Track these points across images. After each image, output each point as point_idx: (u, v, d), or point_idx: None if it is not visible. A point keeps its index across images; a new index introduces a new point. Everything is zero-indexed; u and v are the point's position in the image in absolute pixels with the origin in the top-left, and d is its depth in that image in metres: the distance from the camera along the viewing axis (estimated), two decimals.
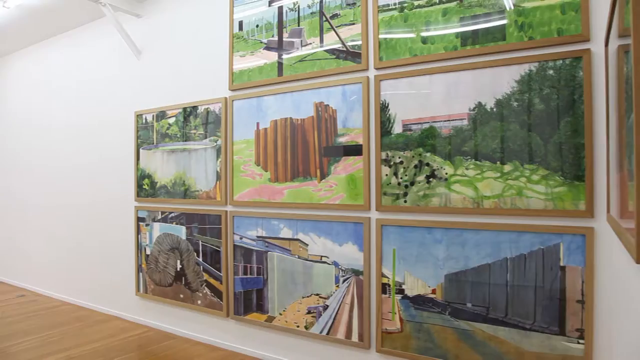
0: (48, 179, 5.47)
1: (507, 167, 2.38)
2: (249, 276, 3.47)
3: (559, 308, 2.25)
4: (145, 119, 4.25)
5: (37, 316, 4.60)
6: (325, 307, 3.05)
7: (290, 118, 3.24)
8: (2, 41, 5.60)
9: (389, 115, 2.77)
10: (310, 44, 3.15)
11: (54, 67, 5.41)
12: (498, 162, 2.41)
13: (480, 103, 2.46)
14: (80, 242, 5.02)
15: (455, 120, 2.54)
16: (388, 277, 2.77)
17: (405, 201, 2.70)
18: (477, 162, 2.46)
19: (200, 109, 3.79)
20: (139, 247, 4.31)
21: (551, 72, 2.28)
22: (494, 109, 2.42)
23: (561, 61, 2.26)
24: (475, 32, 2.49)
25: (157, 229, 4.14)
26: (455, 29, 2.56)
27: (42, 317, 4.57)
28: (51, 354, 3.56)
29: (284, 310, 3.27)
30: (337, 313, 3.00)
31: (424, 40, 2.65)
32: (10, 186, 6.15)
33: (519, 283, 2.35)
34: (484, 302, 2.45)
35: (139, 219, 4.31)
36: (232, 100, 3.57)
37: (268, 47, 3.37)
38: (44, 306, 4.98)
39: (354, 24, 2.95)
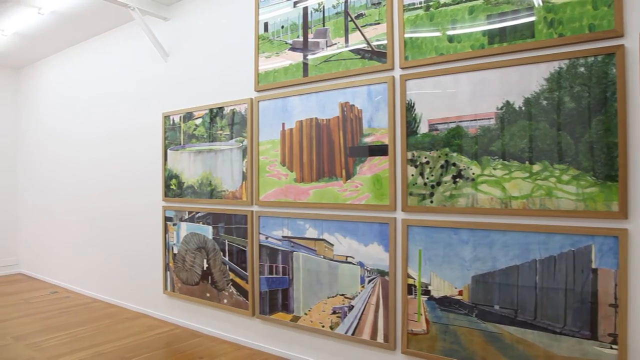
0: (79, 178, 5.61)
1: (536, 167, 2.33)
2: (274, 276, 3.49)
3: (590, 312, 2.19)
4: (173, 120, 4.31)
5: (69, 312, 4.72)
6: (351, 308, 3.05)
7: (316, 118, 3.24)
8: (37, 47, 5.77)
9: (415, 115, 2.75)
10: (336, 44, 3.15)
11: (84, 71, 5.55)
12: (527, 162, 2.36)
13: (508, 102, 2.42)
14: (110, 241, 5.13)
15: (482, 119, 2.50)
16: (414, 278, 2.75)
17: (431, 201, 2.68)
18: (505, 162, 2.42)
19: (227, 110, 3.83)
20: (167, 247, 4.39)
21: (582, 69, 2.22)
22: (523, 108, 2.38)
23: (593, 58, 2.20)
24: (502, 29, 2.45)
25: (184, 228, 4.20)
26: (482, 27, 2.52)
27: (74, 313, 4.70)
28: (82, 349, 3.65)
29: (309, 310, 3.28)
30: (362, 313, 2.99)
31: (450, 39, 2.62)
32: (44, 186, 6.33)
33: (549, 285, 2.30)
34: (512, 305, 2.40)
35: (167, 219, 4.38)
36: (258, 101, 3.59)
37: (293, 48, 3.38)
38: (76, 303, 5.11)
39: (379, 23, 2.93)
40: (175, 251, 4.29)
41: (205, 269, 4.01)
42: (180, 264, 4.24)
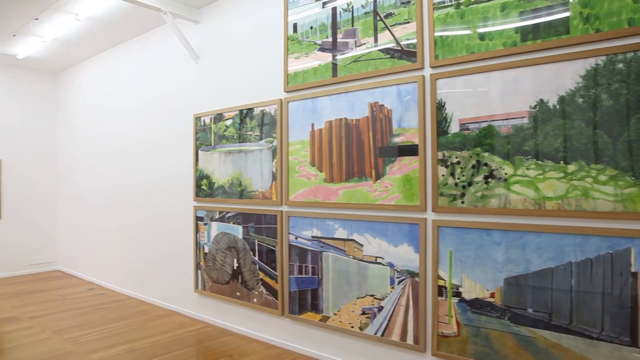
0: (113, 179, 5.76)
1: (572, 167, 2.27)
2: (304, 276, 3.50)
3: (630, 317, 2.11)
4: (204, 121, 4.38)
5: (104, 309, 4.85)
6: (380, 309, 3.03)
7: (345, 118, 3.24)
8: (74, 52, 5.95)
9: (446, 114, 2.71)
10: (365, 44, 3.14)
11: (117, 74, 5.69)
12: (561, 162, 2.30)
13: (541, 100, 2.36)
14: (143, 240, 5.25)
15: (515, 118, 2.45)
16: (444, 280, 2.72)
17: (462, 202, 2.64)
18: (539, 161, 2.36)
19: (256, 111, 3.87)
20: (198, 246, 4.46)
21: (621, 65, 2.15)
22: (557, 106, 2.31)
23: (632, 54, 2.12)
24: (536, 26, 2.39)
25: (215, 228, 4.26)
26: (514, 23, 2.46)
27: (109, 309, 4.82)
28: (117, 345, 3.74)
29: (338, 311, 3.27)
30: (392, 315, 2.97)
31: (482, 37, 2.58)
32: (80, 187, 6.53)
33: (585, 289, 2.23)
34: (546, 308, 2.34)
35: (198, 219, 4.45)
36: (287, 102, 3.61)
37: (322, 48, 3.39)
38: (111, 299, 5.25)
39: (408, 22, 2.91)
40: (206, 250, 4.36)
41: (235, 268, 4.05)
42: (211, 263, 4.30)
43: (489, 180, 2.53)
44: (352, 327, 3.18)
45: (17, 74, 6.80)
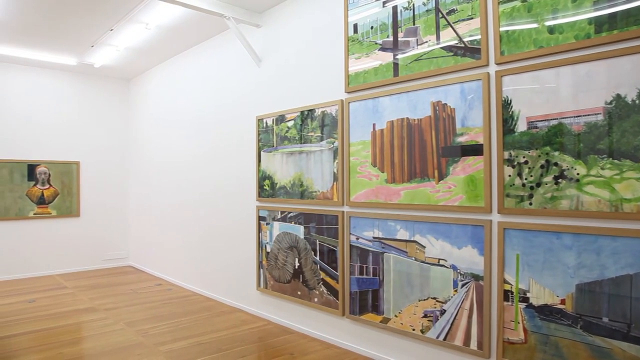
0: (180, 181, 6.00)
1: None
2: (364, 276, 3.48)
3: None
4: (266, 123, 4.47)
5: (171, 304, 5.06)
6: (443, 312, 2.96)
7: (407, 118, 3.20)
8: (144, 59, 6.27)
9: (512, 112, 2.61)
10: (426, 42, 3.08)
11: (184, 79, 5.92)
12: None
13: (618, 95, 2.22)
14: (208, 238, 5.43)
15: (588, 115, 2.31)
16: (511, 284, 2.61)
17: (530, 203, 2.53)
18: (615, 161, 2.22)
19: (317, 112, 3.90)
20: (260, 245, 4.55)
21: None
22: (637, 101, 2.17)
23: None
24: (612, 16, 2.25)
25: (277, 227, 4.33)
26: (587, 14, 2.33)
27: (175, 305, 5.03)
28: (183, 338, 3.90)
29: (399, 313, 3.24)
30: (454, 318, 2.90)
31: (551, 30, 2.46)
32: (150, 188, 6.86)
33: None
34: (624, 318, 2.20)
35: (260, 218, 4.54)
36: (348, 102, 3.61)
37: (383, 48, 3.36)
38: (177, 295, 5.47)
39: (472, 18, 2.83)
40: (268, 249, 4.44)
41: (296, 267, 4.10)
42: (273, 262, 4.38)
43: (559, 180, 2.41)
44: (414, 329, 3.14)
45: (93, 81, 7.26)
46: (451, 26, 2.94)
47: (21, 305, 5.01)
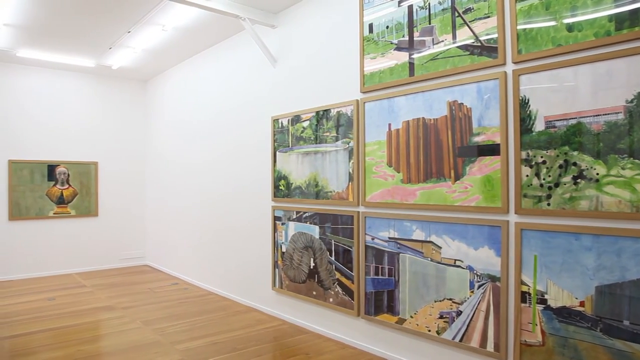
0: (196, 181, 6.05)
1: None
2: (380, 277, 3.47)
3: None
4: (281, 123, 4.48)
5: (187, 303, 5.10)
6: (459, 313, 2.94)
7: (423, 118, 3.18)
8: (160, 60, 6.33)
9: (530, 111, 2.58)
10: (442, 41, 3.06)
11: (199, 80, 5.97)
12: None
13: None
14: (224, 238, 5.46)
15: (608, 114, 2.28)
16: (528, 285, 2.58)
17: (548, 204, 2.49)
18: (636, 160, 2.18)
19: (333, 112, 3.90)
20: (276, 245, 4.56)
21: None
22: None
23: None
24: (634, 12, 2.21)
25: (292, 227, 4.34)
26: (608, 11, 2.29)
27: (191, 304, 5.07)
28: (199, 337, 3.93)
29: (415, 313, 3.22)
30: (471, 320, 2.87)
31: (570, 28, 2.42)
32: (166, 188, 6.92)
33: None
34: None
35: (276, 218, 4.56)
36: (364, 102, 3.61)
37: (398, 48, 3.35)
38: (193, 294, 5.51)
39: (488, 17, 2.80)
40: (284, 249, 4.45)
41: (312, 267, 4.11)
42: (288, 262, 4.39)
43: (578, 180, 2.38)
44: (429, 330, 3.12)
45: (111, 82, 7.36)
46: (467, 25, 2.92)
47: (41, 303, 5.10)
